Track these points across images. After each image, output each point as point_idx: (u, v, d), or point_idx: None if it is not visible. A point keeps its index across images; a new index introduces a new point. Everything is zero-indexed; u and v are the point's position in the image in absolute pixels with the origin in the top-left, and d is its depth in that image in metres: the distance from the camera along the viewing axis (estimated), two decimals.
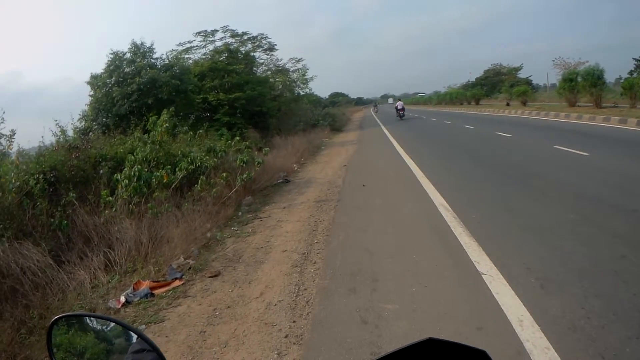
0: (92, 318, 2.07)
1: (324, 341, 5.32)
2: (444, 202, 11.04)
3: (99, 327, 1.93)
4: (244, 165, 14.52)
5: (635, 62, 56.48)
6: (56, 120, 15.25)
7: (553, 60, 60.87)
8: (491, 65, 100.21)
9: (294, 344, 5.40)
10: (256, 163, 15.38)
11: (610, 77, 51.62)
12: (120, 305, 7.20)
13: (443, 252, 7.79)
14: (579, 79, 37.41)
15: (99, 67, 25.42)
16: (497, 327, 5.09)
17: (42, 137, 14.23)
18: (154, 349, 1.66)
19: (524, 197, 10.89)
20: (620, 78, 49.44)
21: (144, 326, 6.41)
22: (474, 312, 5.54)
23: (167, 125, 13.82)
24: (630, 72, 51.90)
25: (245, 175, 13.76)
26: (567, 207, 9.47)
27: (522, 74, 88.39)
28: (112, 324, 1.94)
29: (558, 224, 8.54)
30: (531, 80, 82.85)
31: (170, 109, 15.42)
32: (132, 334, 1.82)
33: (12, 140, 12.94)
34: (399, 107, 59.50)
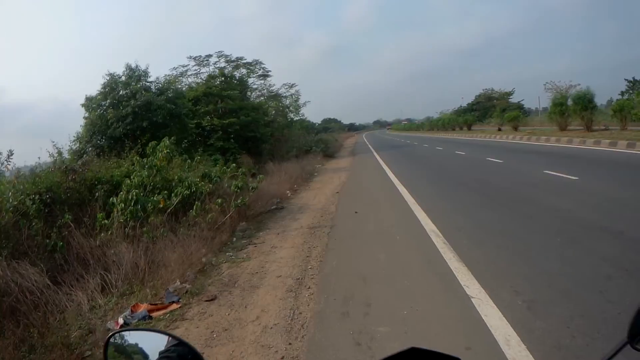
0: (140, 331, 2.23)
1: None
2: (435, 228, 11.15)
3: (145, 339, 2.08)
4: (239, 191, 14.57)
5: (627, 83, 56.72)
6: (54, 142, 15.41)
7: (544, 85, 61.10)
8: (483, 90, 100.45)
9: None
10: (250, 188, 15.44)
11: (602, 99, 51.99)
12: (118, 327, 7.28)
13: (434, 277, 7.90)
14: (570, 102, 37.72)
15: (86, 86, 25.42)
16: (485, 347, 5.22)
17: (39, 157, 14.36)
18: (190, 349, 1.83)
19: (513, 222, 11.03)
20: (612, 100, 49.72)
21: None
22: (463, 333, 5.66)
23: (167, 150, 13.88)
24: (622, 93, 52.09)
25: (239, 201, 13.84)
26: (555, 231, 9.63)
27: (513, 99, 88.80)
28: (157, 334, 2.11)
29: (546, 247, 8.69)
30: (523, 105, 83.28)
31: (172, 137, 15.47)
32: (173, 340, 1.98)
33: (10, 160, 12.99)
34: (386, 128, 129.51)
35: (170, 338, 1.98)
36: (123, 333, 2.24)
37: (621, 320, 5.33)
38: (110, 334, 2.02)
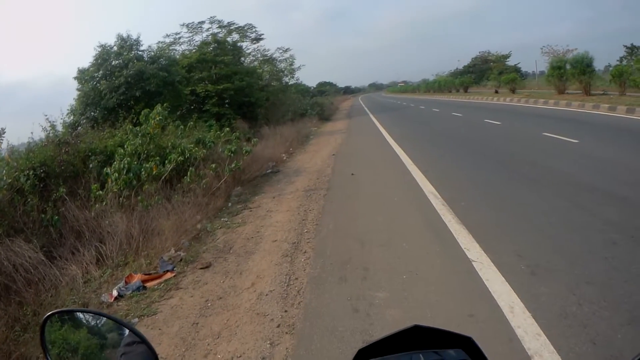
0: (84, 313, 2.07)
1: (316, 330, 5.34)
2: (433, 189, 11.06)
3: (92, 322, 1.93)
4: (232, 155, 14.46)
5: (626, 49, 56.49)
6: (46, 115, 15.18)
7: (541, 48, 60.87)
8: (479, 52, 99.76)
9: (286, 333, 5.42)
10: (244, 152, 15.31)
11: (599, 65, 51.73)
12: (112, 299, 7.20)
13: (433, 240, 7.80)
14: (568, 66, 37.49)
15: (81, 59, 25.28)
16: (488, 314, 5.11)
17: (32, 132, 14.17)
18: (143, 341, 1.68)
19: (513, 184, 10.92)
20: (610, 66, 49.46)
21: (136, 319, 6.42)
22: (465, 299, 5.56)
23: (160, 117, 13.73)
24: (620, 59, 51.85)
25: (233, 165, 13.75)
26: (557, 195, 9.50)
27: (510, 62, 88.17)
28: (104, 319, 1.95)
29: (549, 211, 8.56)
30: (520, 68, 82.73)
31: (165, 104, 15.32)
32: (124, 327, 1.83)
33: (2, 138, 12.86)
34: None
35: (128, 330, 1.83)
36: (77, 314, 2.10)
37: (628, 288, 5.29)
38: (47, 314, 1.84)
